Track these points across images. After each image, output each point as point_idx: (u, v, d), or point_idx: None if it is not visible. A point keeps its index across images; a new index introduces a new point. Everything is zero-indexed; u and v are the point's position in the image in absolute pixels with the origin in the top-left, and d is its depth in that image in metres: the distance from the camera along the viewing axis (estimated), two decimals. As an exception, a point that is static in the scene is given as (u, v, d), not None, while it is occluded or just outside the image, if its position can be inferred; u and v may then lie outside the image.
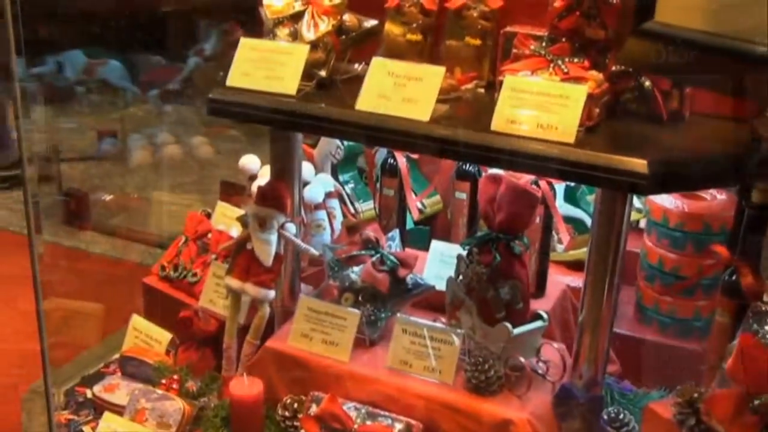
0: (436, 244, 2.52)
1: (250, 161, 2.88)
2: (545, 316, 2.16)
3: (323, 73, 2.10)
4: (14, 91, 2.06)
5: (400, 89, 1.94)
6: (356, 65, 2.17)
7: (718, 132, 1.95)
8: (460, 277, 2.21)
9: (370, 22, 2.17)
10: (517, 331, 2.09)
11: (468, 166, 2.55)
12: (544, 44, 1.93)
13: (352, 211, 2.89)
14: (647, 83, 1.90)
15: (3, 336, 3.48)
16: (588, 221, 2.63)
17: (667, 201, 2.42)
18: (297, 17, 2.13)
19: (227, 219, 2.80)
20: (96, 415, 2.41)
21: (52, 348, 2.25)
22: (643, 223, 2.63)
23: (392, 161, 2.67)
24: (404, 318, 2.22)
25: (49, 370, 2.24)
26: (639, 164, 1.70)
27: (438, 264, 2.47)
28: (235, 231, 2.65)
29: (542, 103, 1.80)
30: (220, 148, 4.76)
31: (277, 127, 2.23)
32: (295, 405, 2.21)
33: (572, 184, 2.65)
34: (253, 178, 2.84)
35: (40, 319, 2.20)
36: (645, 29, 1.63)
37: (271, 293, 2.30)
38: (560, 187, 2.59)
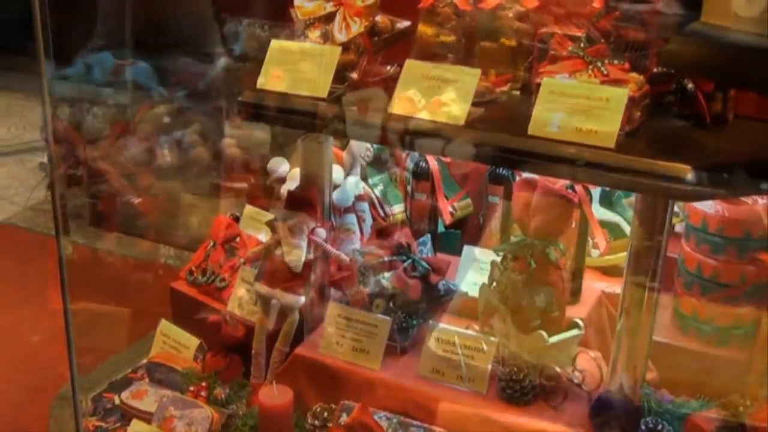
0: (468, 249, 2.48)
1: (278, 164, 2.85)
2: (581, 324, 2.12)
3: (355, 75, 2.07)
4: (43, 93, 2.05)
5: (434, 91, 1.90)
6: (389, 67, 2.13)
7: (763, 135, 1.89)
8: (494, 284, 2.17)
9: (403, 23, 2.14)
10: (552, 339, 2.04)
11: (501, 169, 2.50)
12: (582, 45, 1.88)
13: (382, 214, 2.85)
14: (690, 85, 1.84)
15: (30, 340, 3.47)
16: (624, 225, 2.58)
17: (706, 205, 2.35)
18: (328, 18, 2.10)
19: (255, 223, 2.77)
20: (124, 422, 2.39)
21: (80, 353, 2.24)
22: (679, 227, 2.57)
23: (424, 164, 2.63)
24: (436, 325, 2.19)
25: (76, 376, 2.22)
26: (682, 170, 1.64)
27: (470, 269, 2.43)
28: (264, 235, 2.62)
29: (581, 106, 1.74)
30: (248, 150, 4.74)
31: (307, 130, 2.20)
32: (325, 414, 2.18)
33: (608, 188, 2.59)
34: (281, 181, 2.80)
35: (68, 323, 2.19)
36: (690, 30, 1.58)
37: (301, 299, 2.27)
38: (596, 191, 2.53)
